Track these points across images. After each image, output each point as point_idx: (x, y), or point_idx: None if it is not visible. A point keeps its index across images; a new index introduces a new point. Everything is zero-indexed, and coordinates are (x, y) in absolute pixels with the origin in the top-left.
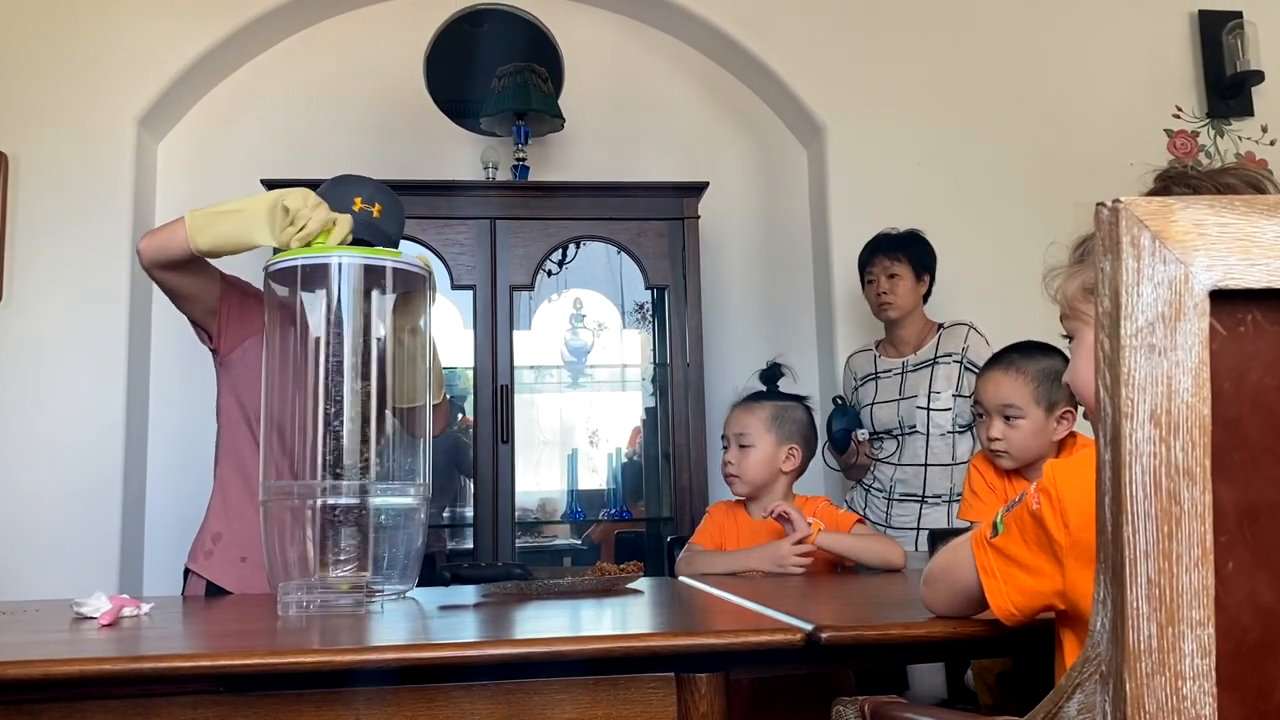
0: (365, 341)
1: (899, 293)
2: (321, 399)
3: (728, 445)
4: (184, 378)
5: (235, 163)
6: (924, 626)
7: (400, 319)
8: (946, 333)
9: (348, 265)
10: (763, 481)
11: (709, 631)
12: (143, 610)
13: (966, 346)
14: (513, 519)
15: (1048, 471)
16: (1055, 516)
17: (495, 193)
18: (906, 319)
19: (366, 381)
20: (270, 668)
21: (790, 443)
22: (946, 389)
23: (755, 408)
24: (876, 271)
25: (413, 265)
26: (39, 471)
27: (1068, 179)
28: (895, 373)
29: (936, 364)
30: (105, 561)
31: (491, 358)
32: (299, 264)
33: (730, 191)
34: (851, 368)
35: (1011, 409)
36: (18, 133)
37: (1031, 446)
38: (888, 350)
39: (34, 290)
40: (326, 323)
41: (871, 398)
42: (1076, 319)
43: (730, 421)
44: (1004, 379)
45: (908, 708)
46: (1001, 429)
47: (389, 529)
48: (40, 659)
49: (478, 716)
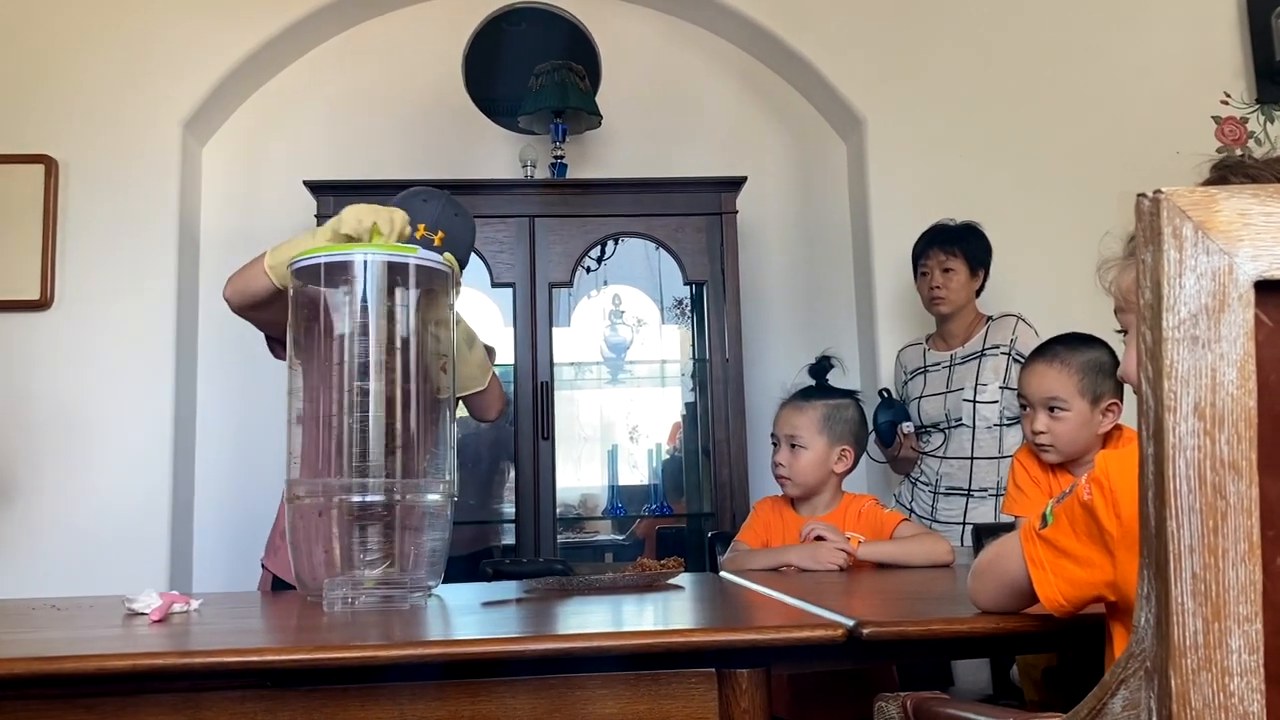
0: (390, 338)
1: (952, 287)
2: (347, 397)
3: (778, 444)
4: (231, 379)
5: (278, 165)
6: (968, 622)
7: (427, 314)
8: (994, 324)
9: (372, 263)
10: (815, 483)
11: (750, 627)
12: (192, 606)
13: (1014, 338)
14: (554, 515)
15: (1100, 462)
16: (1107, 507)
17: (533, 191)
18: (958, 313)
19: (391, 378)
20: (316, 663)
21: (842, 444)
22: (994, 381)
23: (806, 408)
24: (931, 264)
25: (436, 262)
26: (90, 472)
27: (1113, 168)
28: (943, 366)
29: (984, 356)
30: (156, 559)
31: (531, 355)
32: (322, 261)
33: (768, 186)
34: (902, 361)
35: (1056, 401)
36: (66, 139)
37: (1077, 439)
38: (937, 344)
39: (83, 294)
40: (351, 320)
41: (919, 391)
42: (1130, 312)
43: (780, 421)
44: (1048, 371)
45: (950, 704)
46: (1046, 422)
47: (416, 526)
48: (94, 653)
49: (520, 711)
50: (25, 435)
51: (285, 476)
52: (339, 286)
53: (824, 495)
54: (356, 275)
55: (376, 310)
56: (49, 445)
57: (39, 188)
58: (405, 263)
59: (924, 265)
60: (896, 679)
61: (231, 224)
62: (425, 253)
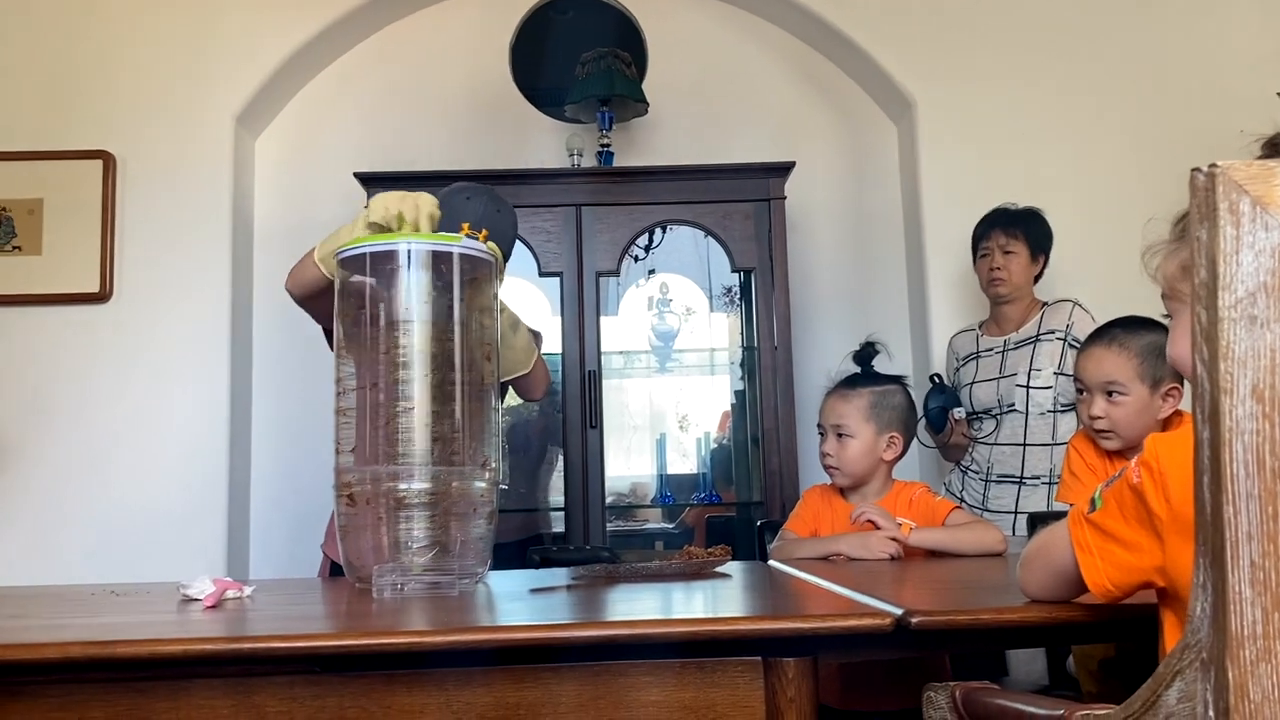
0: (435, 327)
1: (1012, 269)
2: (392, 386)
3: (824, 434)
4: (285, 368)
5: (329, 157)
6: (1018, 611)
7: (471, 302)
8: (1050, 310)
9: (416, 252)
10: (863, 472)
11: (797, 615)
12: (245, 593)
13: (1071, 323)
14: (603, 503)
15: (1149, 445)
16: (1157, 490)
17: (580, 179)
18: (1015, 298)
19: (436, 367)
20: (364, 649)
21: (890, 431)
22: (1049, 366)
23: (852, 396)
24: (991, 246)
25: (479, 250)
26: (149, 461)
27: (1175, 149)
28: (996, 351)
29: (1039, 341)
30: (213, 547)
31: (579, 343)
32: (367, 251)
33: (817, 171)
34: (954, 348)
35: (1114, 385)
36: (123, 134)
37: (1136, 424)
38: (991, 329)
39: (141, 286)
40: (395, 309)
41: (972, 377)
42: (1176, 299)
43: (826, 411)
44: (1106, 355)
45: (1000, 694)
46: (1103, 407)
47: (462, 513)
48: (147, 638)
49: (565, 698)
50: (85, 425)
51: (333, 465)
52: (384, 276)
53: (874, 484)
54: (400, 264)
55: (420, 299)
56: (108, 434)
57: (98, 183)
58: (449, 251)
59: (985, 247)
60: (949, 669)
61: (284, 216)
62: (469, 241)
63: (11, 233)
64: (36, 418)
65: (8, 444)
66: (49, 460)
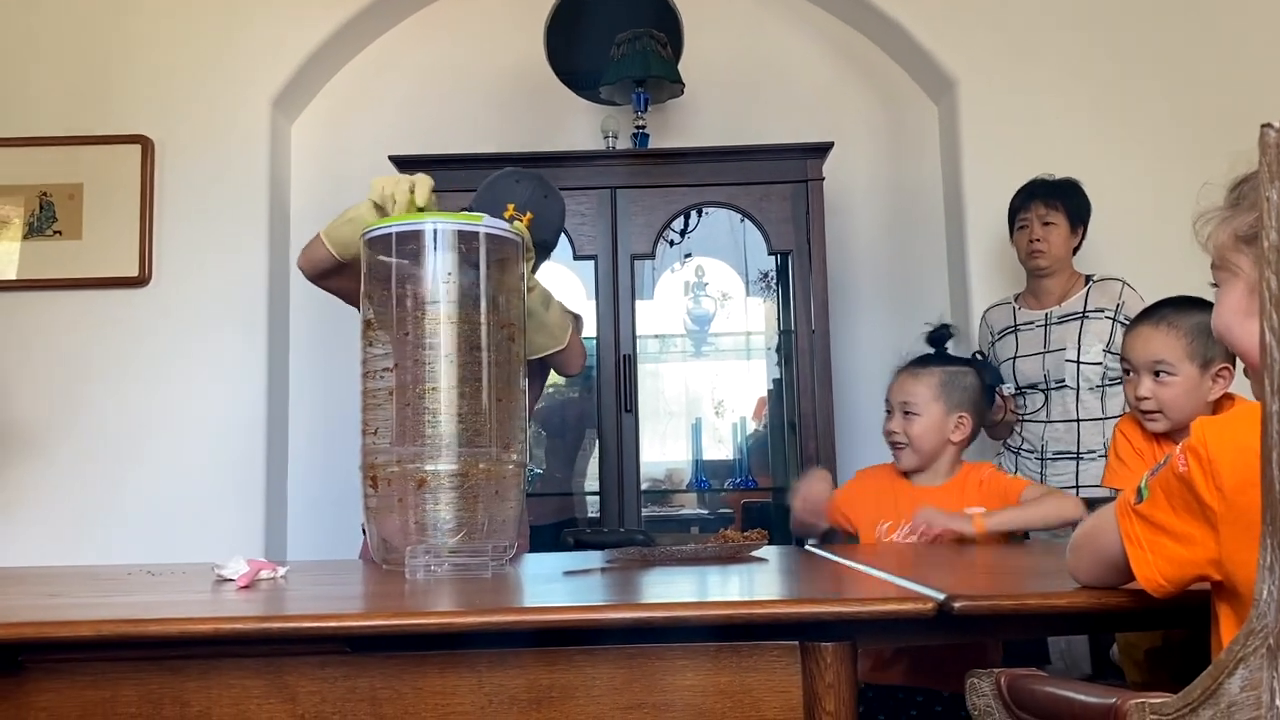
0: (460, 307)
1: (1053, 241)
2: (418, 367)
3: (890, 412)
4: (322, 350)
5: (364, 141)
6: (1065, 597)
7: (497, 283)
8: (1097, 286)
9: (442, 232)
10: (930, 451)
11: (836, 599)
12: (279, 573)
13: (1122, 302)
14: (638, 487)
15: (1196, 430)
16: (1206, 479)
17: (615, 161)
18: (1055, 270)
19: (462, 347)
20: (395, 629)
21: (960, 411)
22: (1098, 344)
23: (923, 374)
24: (1031, 217)
25: (504, 230)
26: (187, 444)
27: (1223, 126)
28: (1038, 325)
29: (1086, 318)
30: (251, 529)
31: (614, 327)
32: (394, 231)
33: (856, 151)
34: (988, 322)
35: (1162, 365)
36: (161, 118)
37: (1184, 406)
38: (1029, 302)
39: (180, 270)
40: (420, 290)
41: (1013, 351)
42: (1225, 269)
43: (895, 388)
44: (1154, 334)
45: (1048, 680)
46: (1151, 387)
47: (490, 494)
48: (178, 617)
49: (599, 680)
50: (125, 408)
51: (360, 446)
52: (409, 257)
53: (940, 466)
54: (426, 245)
55: (446, 280)
56: (148, 417)
57: (136, 167)
58: (475, 231)
59: (1023, 218)
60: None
61: (320, 199)
62: (492, 221)
63: (52, 217)
64: (76, 401)
65: (48, 427)
66: (89, 443)
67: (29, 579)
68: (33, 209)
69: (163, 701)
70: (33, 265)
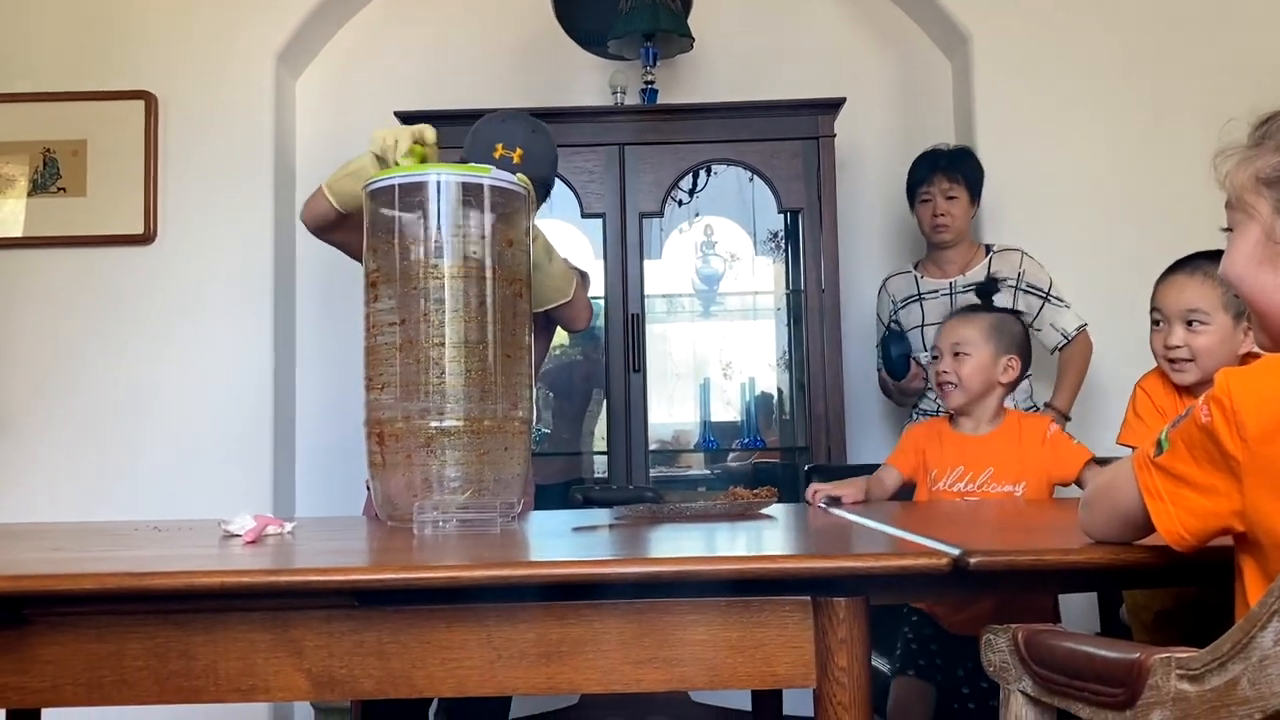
0: (464, 260)
1: (956, 214)
2: (422, 321)
3: (940, 355)
4: (328, 306)
5: (370, 96)
6: (1083, 553)
7: (502, 235)
8: (998, 256)
9: (445, 184)
10: (979, 391)
11: (849, 554)
12: (285, 529)
13: (1022, 271)
14: (646, 447)
15: (1220, 380)
16: (1230, 429)
17: (623, 117)
18: (957, 241)
19: (466, 302)
20: (402, 583)
21: (1010, 354)
22: None
23: (973, 318)
24: (934, 191)
25: (509, 182)
26: (194, 401)
27: (1242, 83)
28: (943, 293)
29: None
30: (259, 486)
31: (622, 286)
32: (396, 183)
33: (868, 108)
34: (889, 291)
35: (1196, 314)
36: (164, 74)
37: (1216, 355)
38: (931, 270)
39: (185, 227)
40: (424, 243)
41: (919, 320)
42: (1241, 211)
43: (946, 332)
44: (1189, 283)
45: (1066, 636)
46: (1183, 335)
47: (495, 450)
48: (184, 570)
49: (609, 634)
50: (131, 366)
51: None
52: (412, 209)
53: (986, 409)
54: (430, 197)
55: (450, 232)
56: (155, 375)
57: (139, 124)
58: (479, 183)
59: (926, 192)
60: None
61: (326, 155)
62: (499, 173)
63: (56, 174)
64: (83, 359)
65: (55, 385)
66: (95, 401)
67: (34, 534)
68: (36, 165)
69: (169, 655)
70: (38, 223)
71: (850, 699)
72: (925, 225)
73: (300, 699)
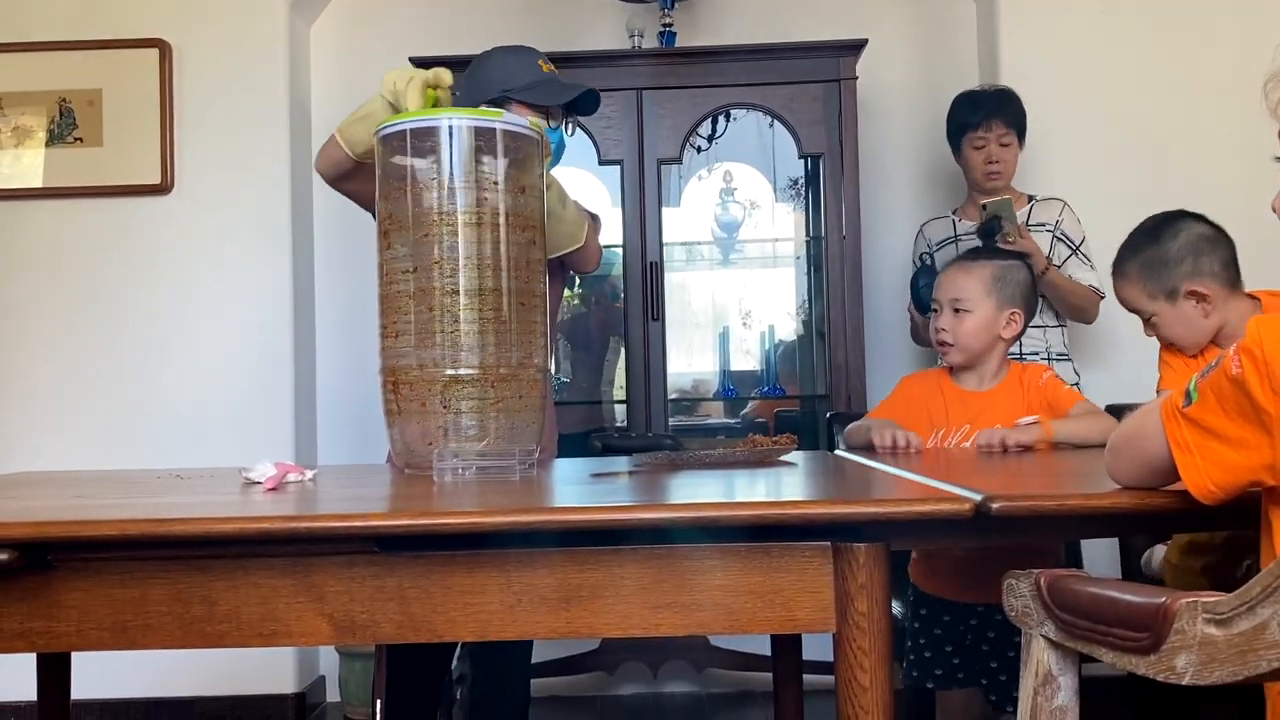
0: (478, 206)
1: (1009, 160)
2: (436, 269)
3: (938, 310)
4: (347, 256)
5: (384, 42)
6: (1108, 497)
7: (516, 181)
8: (1039, 204)
9: (457, 128)
10: (980, 349)
11: (869, 500)
12: (306, 477)
13: (1060, 219)
14: (665, 396)
15: (1252, 329)
16: (1261, 380)
17: (641, 61)
18: (1004, 187)
19: (480, 249)
20: (423, 529)
21: (1012, 307)
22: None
23: (974, 268)
24: (990, 137)
25: (521, 126)
26: (213, 351)
27: (1274, 17)
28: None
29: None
30: (280, 435)
31: (640, 233)
32: (408, 128)
33: (891, 51)
34: (926, 235)
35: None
36: (178, 22)
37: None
38: (969, 214)
39: (202, 176)
40: (437, 189)
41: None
42: None
43: (944, 284)
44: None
45: (1091, 581)
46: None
47: (512, 398)
48: (204, 517)
49: (628, 580)
50: (149, 317)
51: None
52: (424, 154)
53: (989, 364)
54: (442, 141)
55: (462, 180)
56: (172, 326)
57: (154, 73)
58: (491, 128)
59: (981, 137)
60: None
61: (341, 102)
62: (511, 118)
63: (73, 124)
64: (100, 310)
65: (75, 336)
66: (114, 352)
67: (56, 482)
68: (53, 115)
69: (191, 600)
70: (57, 173)
71: (870, 644)
72: (977, 171)
73: (322, 643)
